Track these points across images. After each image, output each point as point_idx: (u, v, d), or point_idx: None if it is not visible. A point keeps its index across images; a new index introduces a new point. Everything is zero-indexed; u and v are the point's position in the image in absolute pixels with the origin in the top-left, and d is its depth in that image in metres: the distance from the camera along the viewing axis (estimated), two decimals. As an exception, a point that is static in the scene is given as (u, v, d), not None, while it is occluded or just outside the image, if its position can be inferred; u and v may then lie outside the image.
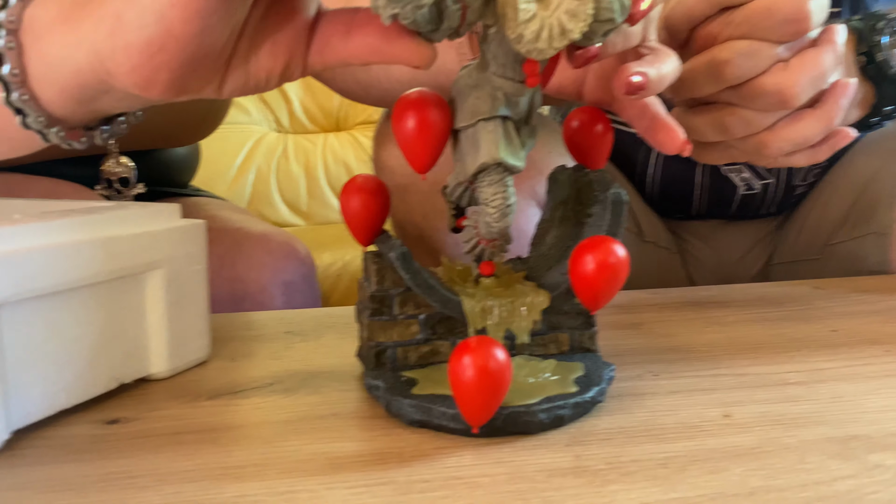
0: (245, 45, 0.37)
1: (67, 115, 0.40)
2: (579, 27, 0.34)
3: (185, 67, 0.35)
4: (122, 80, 0.36)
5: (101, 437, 0.38)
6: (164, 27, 0.33)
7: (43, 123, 0.40)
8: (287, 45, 0.38)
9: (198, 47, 0.34)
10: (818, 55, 0.48)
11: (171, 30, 0.33)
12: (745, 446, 0.35)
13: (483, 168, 0.38)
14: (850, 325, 0.55)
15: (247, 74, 0.38)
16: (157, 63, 0.35)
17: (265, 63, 0.38)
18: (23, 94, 0.38)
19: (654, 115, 0.42)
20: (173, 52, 0.34)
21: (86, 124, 0.43)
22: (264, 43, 0.37)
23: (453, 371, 0.34)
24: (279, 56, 0.38)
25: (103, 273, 0.41)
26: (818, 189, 0.86)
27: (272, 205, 1.73)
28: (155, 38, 0.34)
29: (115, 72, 0.36)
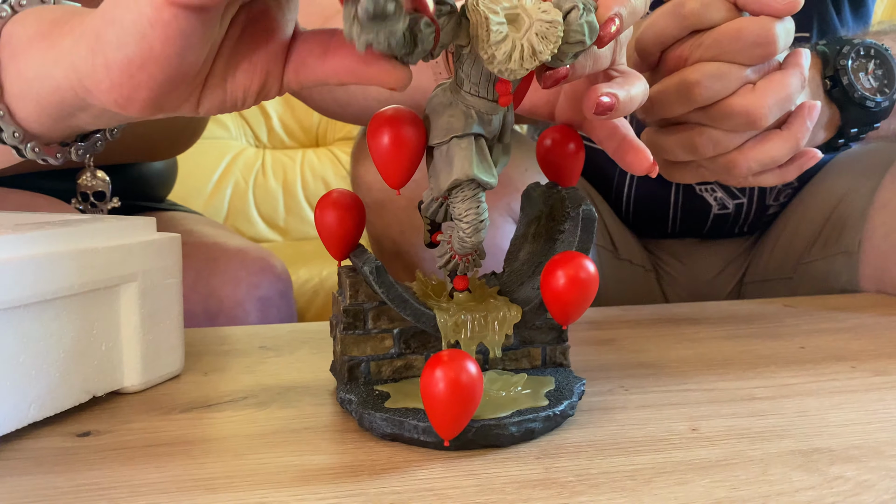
0: (222, 64, 0.37)
1: (44, 132, 0.40)
2: (549, 48, 0.35)
3: (164, 86, 0.35)
4: (101, 98, 0.36)
5: (73, 450, 0.37)
6: (145, 47, 0.34)
7: (18, 139, 0.40)
8: (264, 65, 0.38)
9: (177, 67, 0.35)
10: (785, 78, 0.49)
11: (151, 49, 0.34)
12: (710, 459, 0.36)
13: (456, 184, 0.38)
14: (817, 342, 0.56)
15: (224, 93, 0.38)
16: (137, 82, 0.35)
17: (242, 82, 0.38)
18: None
19: (624, 136, 0.43)
20: (153, 71, 0.34)
21: (62, 140, 0.43)
22: (241, 62, 0.38)
23: (425, 384, 0.35)
24: (256, 75, 0.38)
25: (77, 285, 0.41)
26: (790, 209, 0.88)
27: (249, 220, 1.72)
28: (135, 57, 0.34)
29: (94, 89, 0.36)
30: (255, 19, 0.37)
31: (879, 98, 0.56)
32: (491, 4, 0.35)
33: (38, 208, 0.75)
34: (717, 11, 0.49)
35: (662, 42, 0.51)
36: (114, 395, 0.45)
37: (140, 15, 0.33)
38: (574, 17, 0.36)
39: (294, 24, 0.38)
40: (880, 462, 0.35)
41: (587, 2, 0.37)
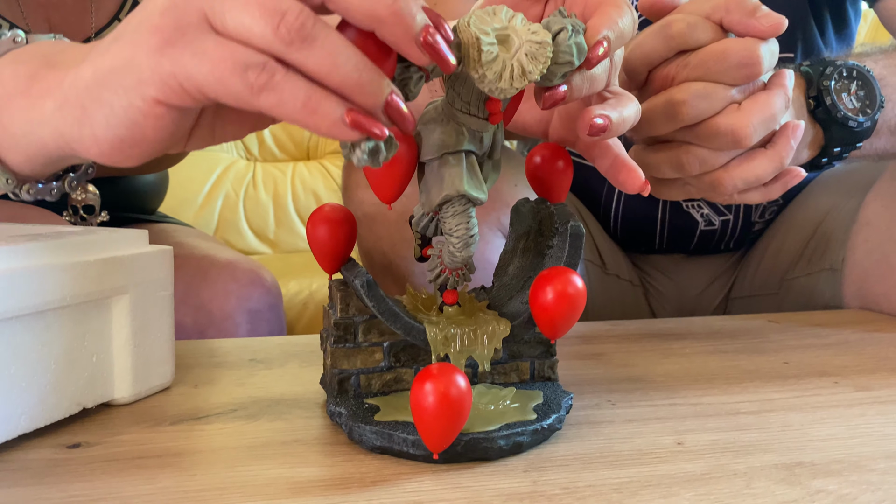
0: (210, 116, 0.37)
1: (34, 174, 0.41)
2: (539, 69, 0.36)
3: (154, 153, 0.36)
4: (91, 157, 0.36)
5: (63, 461, 0.38)
6: (137, 131, 0.34)
7: (12, 185, 0.40)
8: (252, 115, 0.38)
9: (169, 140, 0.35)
10: (769, 98, 0.50)
11: (143, 134, 0.34)
12: (695, 472, 0.36)
13: (447, 199, 0.39)
14: (801, 357, 0.57)
15: (212, 136, 0.38)
16: (127, 154, 0.35)
17: (231, 130, 0.38)
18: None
19: (616, 155, 0.44)
20: (144, 147, 0.35)
21: (53, 176, 0.44)
22: (230, 114, 0.38)
23: (415, 397, 0.35)
24: (245, 123, 0.38)
25: (70, 297, 0.41)
26: (775, 226, 0.89)
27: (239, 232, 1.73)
28: (126, 137, 0.34)
29: (83, 152, 0.36)
30: None
31: (861, 118, 0.57)
32: (482, 25, 0.35)
33: (29, 219, 0.75)
34: (703, 32, 0.50)
35: (650, 62, 0.52)
36: (104, 406, 0.45)
37: (130, 105, 0.33)
38: (563, 39, 0.37)
39: None
40: (861, 476, 0.36)
41: (576, 23, 0.38)
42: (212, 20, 0.31)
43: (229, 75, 0.31)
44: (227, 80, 0.31)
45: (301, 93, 0.31)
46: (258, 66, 0.31)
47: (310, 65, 0.31)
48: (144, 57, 0.32)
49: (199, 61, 0.31)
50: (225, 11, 0.31)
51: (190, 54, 0.31)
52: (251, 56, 0.31)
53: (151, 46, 0.32)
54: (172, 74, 0.32)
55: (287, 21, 0.30)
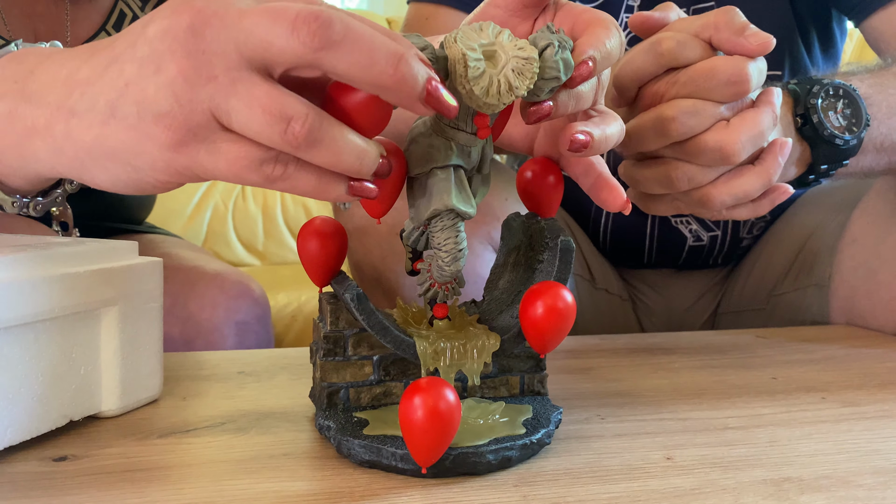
0: None
1: (29, 191, 0.42)
2: (525, 84, 0.36)
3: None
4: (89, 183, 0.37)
5: (49, 475, 0.37)
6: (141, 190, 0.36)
7: (18, 207, 0.42)
8: None
9: None
10: (757, 115, 0.51)
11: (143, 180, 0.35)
12: (684, 487, 0.37)
13: (435, 214, 0.39)
14: (789, 373, 0.57)
15: None
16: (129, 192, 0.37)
17: None
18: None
19: (599, 174, 0.44)
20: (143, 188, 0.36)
21: None
22: None
23: (404, 411, 0.35)
24: None
25: (58, 309, 0.41)
26: (762, 242, 0.90)
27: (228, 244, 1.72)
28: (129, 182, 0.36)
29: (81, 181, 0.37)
30: None
31: (848, 136, 0.58)
32: (468, 41, 0.36)
33: (17, 229, 0.75)
34: (692, 50, 0.51)
35: (639, 78, 0.52)
36: (91, 419, 0.44)
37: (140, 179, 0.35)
38: (549, 54, 0.38)
39: None
40: (848, 491, 0.36)
41: (563, 39, 0.38)
42: (218, 118, 0.32)
43: (246, 172, 0.33)
44: (245, 175, 0.33)
45: (312, 179, 0.34)
46: (272, 160, 0.33)
47: (316, 161, 0.33)
48: (157, 151, 0.33)
49: (216, 159, 0.33)
50: (231, 113, 0.32)
51: (205, 152, 0.33)
52: (264, 153, 0.33)
53: (163, 143, 0.33)
54: (188, 168, 0.33)
55: (293, 129, 0.32)
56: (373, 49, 0.32)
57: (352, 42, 0.31)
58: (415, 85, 0.33)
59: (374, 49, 0.32)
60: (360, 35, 0.32)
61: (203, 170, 0.33)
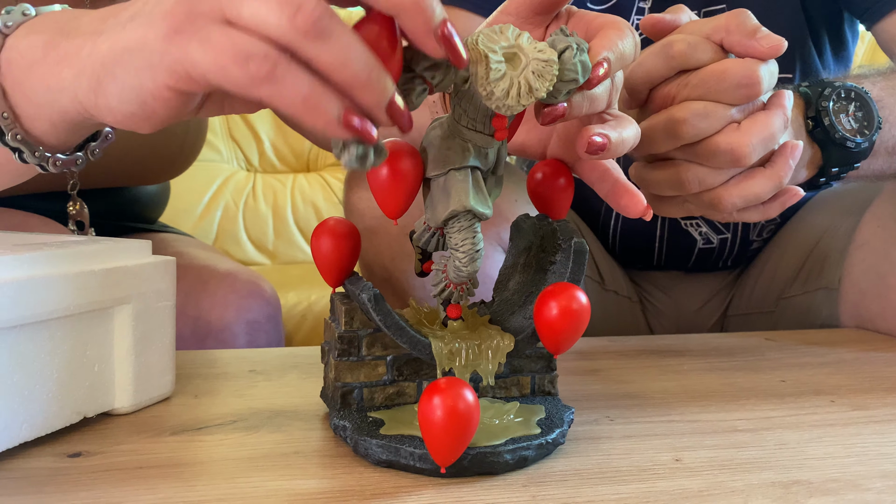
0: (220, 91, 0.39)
1: (61, 143, 0.42)
2: (545, 86, 0.37)
3: (167, 123, 0.37)
4: (108, 122, 0.38)
5: (63, 470, 0.38)
6: (147, 109, 0.35)
7: (40, 157, 0.41)
8: None
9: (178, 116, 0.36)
10: (768, 118, 0.51)
11: (153, 111, 0.35)
12: (693, 489, 0.37)
13: (453, 215, 0.39)
14: (798, 375, 0.57)
15: (221, 109, 0.40)
16: (140, 124, 0.37)
17: (240, 107, 0.39)
18: (16, 133, 0.40)
19: (616, 179, 0.44)
20: (155, 121, 0.36)
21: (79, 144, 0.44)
22: None
23: (423, 411, 0.35)
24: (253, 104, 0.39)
25: (73, 307, 0.41)
26: (772, 244, 0.90)
27: (238, 243, 1.73)
28: (137, 113, 0.36)
29: (99, 118, 0.37)
30: None
31: (859, 139, 0.58)
32: (490, 43, 0.36)
33: (33, 228, 0.76)
34: (703, 53, 0.51)
35: (651, 80, 0.52)
36: (104, 416, 0.45)
37: (141, 86, 0.34)
38: (568, 57, 0.38)
39: None
40: (857, 495, 0.36)
41: (580, 42, 0.39)
42: (227, 10, 0.32)
43: (231, 64, 0.31)
44: (229, 69, 0.31)
45: (303, 87, 0.31)
46: (260, 56, 0.31)
47: (322, 58, 0.31)
48: (155, 42, 0.33)
49: (204, 50, 0.32)
50: (243, 1, 0.31)
51: (196, 42, 0.32)
52: (254, 46, 0.31)
53: (161, 32, 0.33)
54: (179, 61, 0.33)
55: (304, 12, 0.31)
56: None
57: None
58: (431, 14, 0.32)
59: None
60: None
61: (192, 64, 0.32)
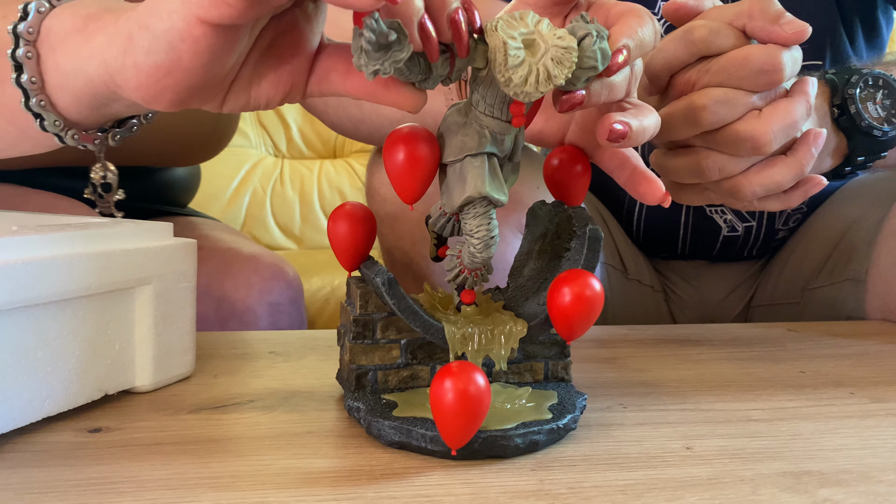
0: (248, 72, 0.39)
1: (82, 119, 0.43)
2: (564, 73, 0.37)
3: (189, 91, 0.37)
4: (129, 94, 0.38)
5: (83, 445, 0.39)
6: (174, 57, 0.36)
7: (59, 127, 0.42)
8: (289, 76, 0.40)
9: (203, 76, 0.37)
10: (791, 105, 0.50)
11: (179, 59, 0.36)
12: (702, 477, 0.37)
13: (469, 201, 0.40)
14: (818, 367, 0.56)
15: (248, 97, 0.40)
16: (163, 85, 0.37)
17: (266, 90, 0.40)
18: (40, 99, 0.41)
19: (635, 167, 0.44)
20: (179, 78, 0.37)
21: (99, 126, 0.45)
22: (267, 73, 0.39)
23: (435, 394, 0.36)
24: (281, 85, 0.40)
25: (94, 286, 0.42)
26: (799, 234, 0.88)
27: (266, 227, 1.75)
28: (163, 64, 0.36)
29: (124, 86, 0.38)
30: (284, 32, 0.39)
31: (887, 128, 0.57)
32: (509, 30, 0.36)
33: (60, 209, 0.77)
34: (725, 38, 0.50)
35: (671, 67, 0.52)
36: (125, 393, 0.46)
37: (172, 27, 0.35)
38: (588, 44, 0.38)
39: (321, 36, 0.40)
40: (869, 487, 0.36)
41: (600, 29, 0.38)
42: None
43: None
44: None
45: None
46: None
47: None
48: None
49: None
50: None
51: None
52: None
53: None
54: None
55: None
56: None
57: None
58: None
59: None
60: None
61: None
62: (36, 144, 0.45)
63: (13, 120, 0.42)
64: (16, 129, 0.43)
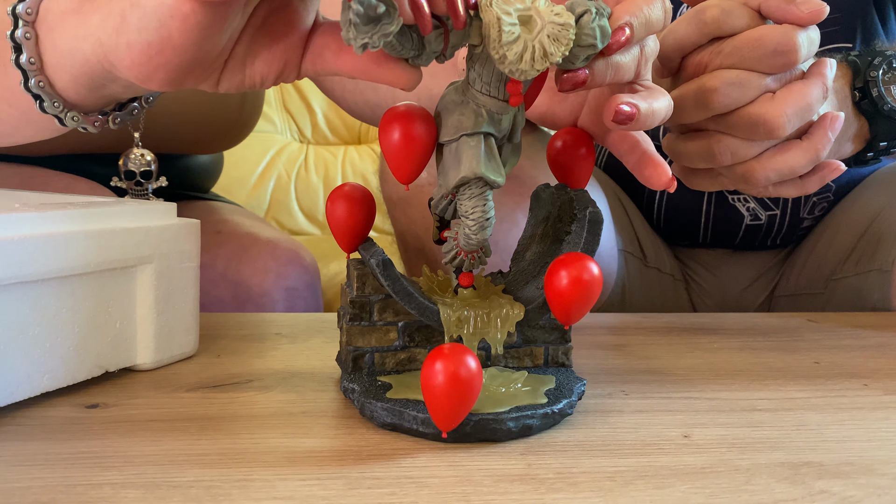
0: (242, 50, 0.39)
1: (80, 101, 0.43)
2: (560, 50, 0.36)
3: (181, 69, 0.37)
4: (124, 73, 0.38)
5: (79, 420, 0.39)
6: (164, 34, 0.36)
7: (58, 108, 0.42)
8: (282, 54, 0.39)
9: (194, 54, 0.36)
10: (806, 87, 0.48)
11: (170, 37, 0.36)
12: (696, 466, 0.36)
13: (464, 182, 0.39)
14: (834, 358, 0.55)
15: (242, 76, 0.40)
16: (155, 64, 0.37)
17: (260, 68, 0.40)
18: (39, 80, 0.41)
19: (644, 151, 0.43)
20: (170, 56, 0.36)
21: (100, 109, 0.45)
22: (261, 51, 0.39)
23: (425, 376, 0.36)
24: (274, 63, 0.40)
25: (94, 264, 0.42)
26: (824, 223, 0.86)
27: (290, 213, 1.76)
28: (154, 42, 0.36)
29: (118, 65, 0.38)
30: (277, 9, 0.39)
31: (910, 112, 0.55)
32: (504, 6, 0.35)
33: (79, 191, 0.78)
34: (738, 19, 0.49)
35: (682, 48, 0.50)
36: (127, 371, 0.46)
37: (161, 4, 0.35)
38: (586, 21, 0.37)
39: (315, 14, 0.40)
40: (870, 479, 0.35)
41: (600, 6, 0.37)
42: None
43: None
44: None
45: None
46: None
47: None
48: None
49: None
50: None
51: None
52: None
53: None
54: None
55: None
56: None
57: None
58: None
59: None
60: None
61: None
62: (38, 129, 0.45)
63: (15, 103, 0.43)
64: (17, 112, 0.44)
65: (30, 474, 0.33)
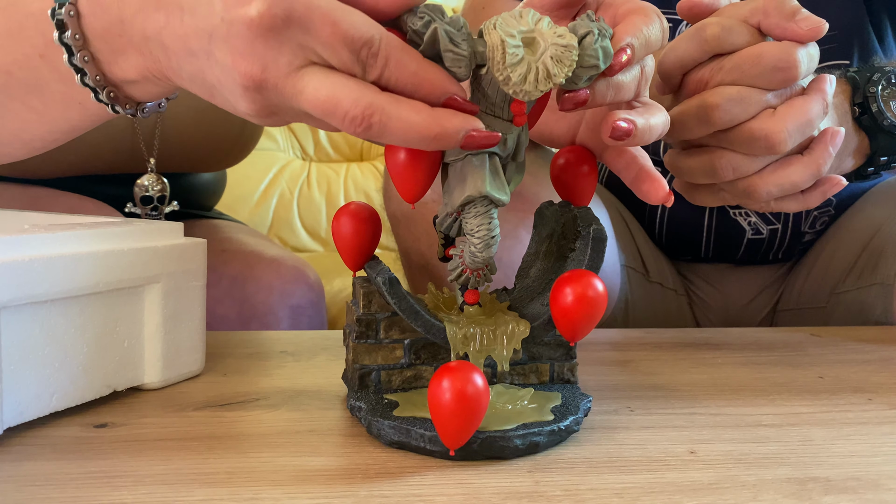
0: None
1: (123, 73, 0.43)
2: (564, 72, 0.36)
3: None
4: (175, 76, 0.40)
5: (88, 440, 0.39)
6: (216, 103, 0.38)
7: (99, 82, 0.43)
8: None
9: None
10: (806, 103, 0.49)
11: None
12: (702, 482, 0.36)
13: (469, 200, 0.39)
14: (838, 372, 0.55)
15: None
16: None
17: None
18: (84, 55, 0.42)
19: (641, 166, 0.43)
20: None
21: None
22: None
23: (432, 393, 0.36)
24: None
25: (102, 284, 0.43)
26: (826, 237, 0.86)
27: (293, 230, 1.77)
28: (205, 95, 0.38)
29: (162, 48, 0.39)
30: None
31: (910, 127, 0.55)
32: (508, 28, 0.36)
33: (85, 212, 0.79)
34: (738, 36, 0.49)
35: (684, 65, 0.51)
36: (134, 390, 0.47)
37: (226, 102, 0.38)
38: (589, 42, 0.37)
39: None
40: (876, 494, 0.35)
41: (603, 27, 0.38)
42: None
43: (325, 117, 0.36)
44: (326, 121, 0.36)
45: None
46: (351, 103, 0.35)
47: None
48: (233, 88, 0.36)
49: None
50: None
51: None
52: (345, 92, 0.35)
53: (239, 85, 0.36)
54: (265, 109, 0.37)
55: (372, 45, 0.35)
56: None
57: None
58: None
59: None
60: None
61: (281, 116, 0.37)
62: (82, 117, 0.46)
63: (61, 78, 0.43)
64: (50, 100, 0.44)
65: (40, 494, 0.33)
